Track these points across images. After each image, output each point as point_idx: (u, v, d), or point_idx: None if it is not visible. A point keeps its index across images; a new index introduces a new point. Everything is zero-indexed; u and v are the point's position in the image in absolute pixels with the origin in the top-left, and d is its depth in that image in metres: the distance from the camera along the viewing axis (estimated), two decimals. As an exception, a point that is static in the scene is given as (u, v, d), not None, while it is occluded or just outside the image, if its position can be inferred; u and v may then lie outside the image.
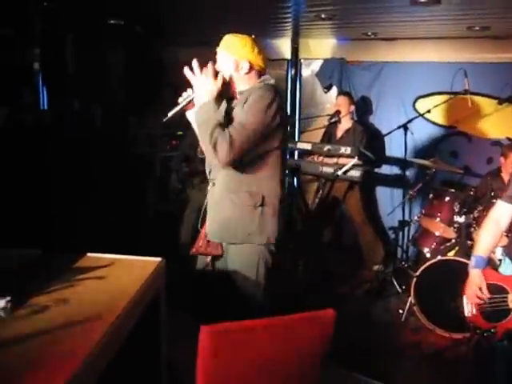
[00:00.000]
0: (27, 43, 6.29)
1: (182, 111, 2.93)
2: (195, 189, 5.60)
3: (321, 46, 6.80)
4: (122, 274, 2.42)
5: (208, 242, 2.99)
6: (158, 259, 2.56)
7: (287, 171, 6.14)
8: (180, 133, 6.42)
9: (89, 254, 2.62)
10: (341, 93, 6.15)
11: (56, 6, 5.31)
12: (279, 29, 6.21)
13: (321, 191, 5.38)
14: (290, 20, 5.65)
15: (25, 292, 2.10)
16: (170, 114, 2.88)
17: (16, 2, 5.58)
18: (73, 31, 5.95)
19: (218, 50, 2.94)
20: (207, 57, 2.89)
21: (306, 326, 2.03)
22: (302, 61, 7.12)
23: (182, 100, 2.89)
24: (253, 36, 2.94)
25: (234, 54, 2.88)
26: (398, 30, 5.73)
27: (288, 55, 7.10)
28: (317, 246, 5.90)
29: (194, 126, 2.90)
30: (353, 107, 5.91)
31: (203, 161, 3.03)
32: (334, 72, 6.65)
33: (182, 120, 6.11)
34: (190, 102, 2.88)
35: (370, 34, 5.98)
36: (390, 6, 4.51)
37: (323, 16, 5.07)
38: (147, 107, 6.91)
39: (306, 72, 7.13)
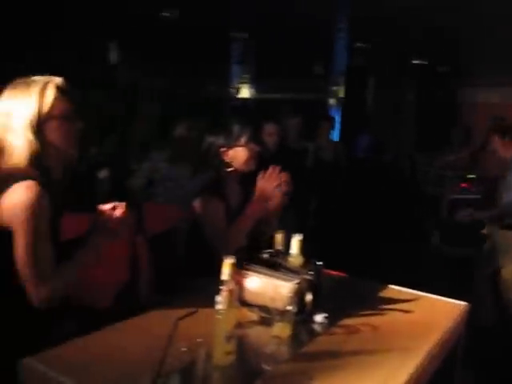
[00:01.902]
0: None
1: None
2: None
3: None
4: (426, 311, 2.40)
5: None
6: (463, 303, 2.47)
7: None
8: (471, 176, 6.18)
9: (391, 286, 2.66)
10: None
11: (364, 45, 5.61)
12: None
13: None
14: None
15: (339, 312, 2.21)
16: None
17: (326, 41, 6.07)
18: (376, 70, 6.20)
19: None
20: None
21: None
22: None
23: None
24: None
25: None
26: None
27: None
28: None
29: None
30: None
31: None
32: None
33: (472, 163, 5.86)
34: None
35: None
36: None
37: None
38: (436, 146, 6.84)
39: None
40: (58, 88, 1.95)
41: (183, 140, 4.00)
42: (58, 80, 1.98)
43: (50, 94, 1.92)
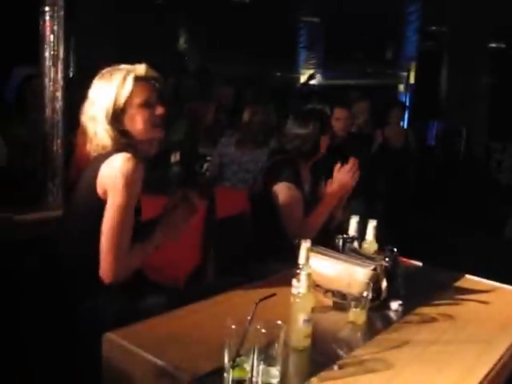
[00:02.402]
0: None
1: None
2: None
3: None
4: (505, 303, 2.32)
5: None
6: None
7: None
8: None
9: (467, 276, 2.58)
10: None
11: (437, 29, 5.44)
12: None
13: None
14: None
15: (414, 300, 2.17)
16: None
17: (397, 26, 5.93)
18: (449, 54, 6.01)
19: None
20: None
21: None
22: None
23: None
24: None
25: None
26: None
27: None
28: None
29: None
30: None
31: None
32: None
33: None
34: None
35: None
36: None
37: None
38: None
39: None
40: (139, 77, 2.02)
41: (251, 125, 4.02)
42: (140, 69, 2.05)
43: (129, 85, 2.00)
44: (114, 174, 1.93)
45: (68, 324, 2.00)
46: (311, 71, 9.08)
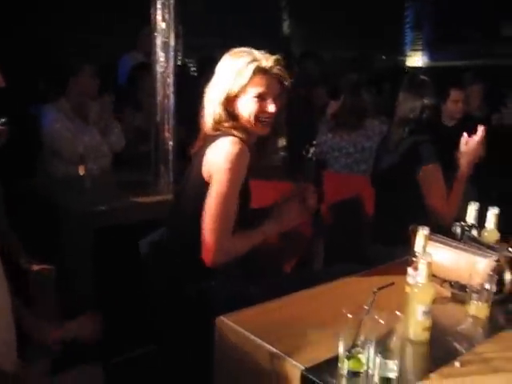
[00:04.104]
0: None
1: None
2: None
3: None
4: None
5: None
6: None
7: None
8: None
9: None
10: None
11: None
12: None
13: None
14: None
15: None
16: None
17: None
18: None
19: None
20: None
21: None
22: None
23: None
24: None
25: None
26: None
27: None
28: None
29: None
30: None
31: None
32: None
33: None
34: None
35: None
36: None
37: None
38: None
39: None
40: (261, 68, 1.98)
41: (342, 109, 3.92)
42: (265, 61, 2.00)
43: (248, 73, 1.96)
44: (218, 157, 1.94)
45: (181, 307, 2.03)
46: (419, 52, 8.75)
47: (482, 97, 4.89)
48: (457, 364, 1.54)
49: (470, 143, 2.67)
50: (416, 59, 9.34)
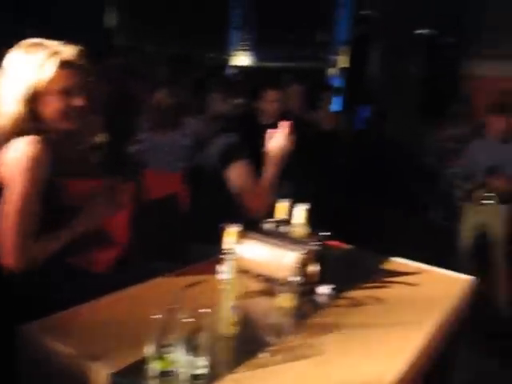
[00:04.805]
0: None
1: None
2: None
3: None
4: (431, 285, 2.36)
5: None
6: (470, 277, 2.43)
7: None
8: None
9: (396, 259, 2.61)
10: None
11: (369, 13, 5.48)
12: None
13: None
14: None
15: (344, 284, 2.16)
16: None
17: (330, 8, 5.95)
18: (380, 39, 6.08)
19: None
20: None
21: None
22: None
23: None
24: None
25: None
26: None
27: None
28: None
29: None
30: None
31: None
32: None
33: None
34: None
35: None
36: None
37: None
38: (439, 119, 6.76)
39: None
40: (64, 61, 1.87)
41: (159, 108, 3.89)
42: (68, 52, 1.89)
43: (51, 68, 1.84)
44: (14, 159, 1.81)
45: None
46: (242, 52, 9.01)
47: (300, 97, 5.15)
48: (264, 354, 1.59)
49: (274, 138, 2.72)
50: (241, 59, 9.60)
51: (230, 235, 1.86)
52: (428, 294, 2.24)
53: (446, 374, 2.39)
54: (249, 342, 1.68)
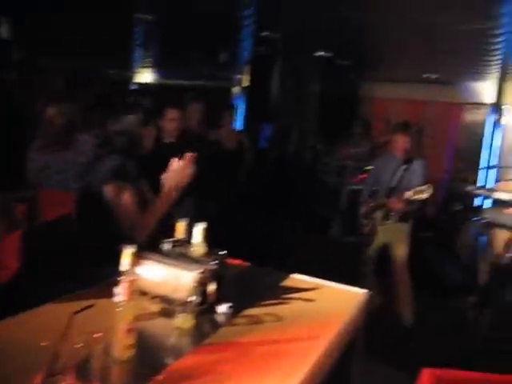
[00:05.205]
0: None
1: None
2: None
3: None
4: (328, 299, 2.42)
5: None
6: (364, 291, 2.52)
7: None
8: (370, 167, 6.42)
9: (294, 275, 2.66)
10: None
11: (270, 34, 5.60)
12: (484, 71, 5.98)
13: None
14: (499, 63, 5.41)
15: (242, 302, 2.18)
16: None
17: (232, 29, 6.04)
18: (281, 59, 6.22)
19: None
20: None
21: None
22: (504, 106, 6.75)
23: None
24: None
25: None
26: None
27: (488, 99, 6.78)
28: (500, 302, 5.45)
29: None
30: None
31: None
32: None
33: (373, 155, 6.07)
34: None
35: None
36: None
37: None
38: (338, 138, 7.02)
39: (508, 118, 6.73)
40: None
41: (49, 126, 3.74)
42: None
43: None
44: None
45: None
46: (145, 70, 8.92)
47: (200, 116, 5.15)
48: (160, 378, 1.57)
49: (174, 169, 2.66)
50: (145, 76, 9.50)
51: (126, 256, 1.82)
52: (325, 309, 2.31)
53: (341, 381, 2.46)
54: (145, 365, 1.65)
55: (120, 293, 1.63)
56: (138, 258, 1.89)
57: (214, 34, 6.40)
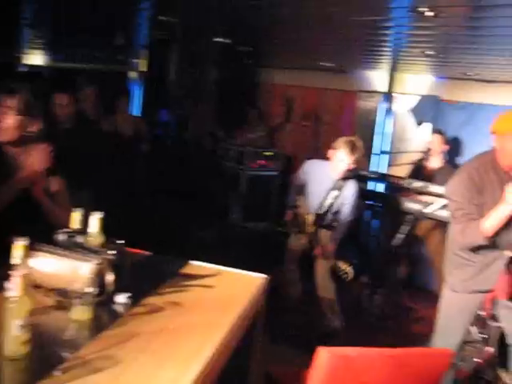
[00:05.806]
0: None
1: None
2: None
3: (416, 82, 6.76)
4: (227, 285, 2.46)
5: None
6: (263, 276, 2.58)
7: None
8: (268, 153, 6.54)
9: (193, 262, 2.68)
10: (435, 131, 6.05)
11: (168, 19, 5.49)
12: (376, 61, 6.23)
13: (406, 227, 5.25)
14: (389, 54, 5.66)
15: (141, 291, 2.16)
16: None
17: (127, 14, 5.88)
18: (179, 45, 6.15)
19: None
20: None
21: (423, 362, 2.00)
22: (394, 95, 7.08)
23: None
24: None
25: None
26: (500, 73, 5.62)
27: (380, 88, 7.09)
28: (392, 282, 5.78)
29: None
30: (446, 147, 5.80)
31: None
32: (429, 109, 6.57)
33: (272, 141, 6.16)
34: None
35: (470, 74, 5.88)
36: (500, 49, 4.43)
37: (428, 53, 5.03)
38: (236, 124, 7.07)
39: (398, 106, 7.08)
40: None
41: None
42: None
43: None
44: None
45: None
46: (34, 51, 8.48)
47: (93, 101, 4.99)
48: (58, 373, 1.53)
49: (31, 157, 2.56)
50: (34, 58, 9.03)
51: (18, 249, 1.75)
52: (225, 294, 2.34)
53: (243, 364, 2.51)
54: (42, 361, 1.60)
55: (12, 287, 1.57)
56: (30, 250, 1.82)
57: (110, 16, 6.21)
